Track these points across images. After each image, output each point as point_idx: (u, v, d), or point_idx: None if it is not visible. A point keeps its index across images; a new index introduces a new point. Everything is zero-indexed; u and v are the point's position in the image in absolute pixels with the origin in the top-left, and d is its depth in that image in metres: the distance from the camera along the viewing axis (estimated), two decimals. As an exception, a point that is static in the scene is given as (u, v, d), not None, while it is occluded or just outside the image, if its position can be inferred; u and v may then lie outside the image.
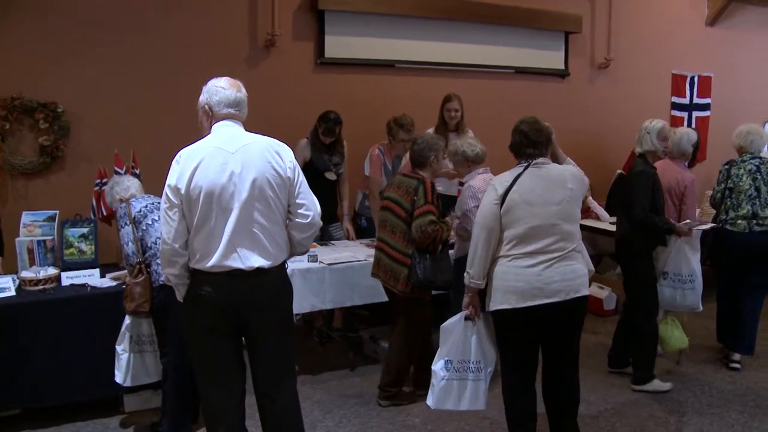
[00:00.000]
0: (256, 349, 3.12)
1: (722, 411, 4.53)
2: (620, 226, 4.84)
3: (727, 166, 5.38)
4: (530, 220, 3.45)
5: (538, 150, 3.58)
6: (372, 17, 6.33)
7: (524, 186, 3.49)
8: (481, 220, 3.53)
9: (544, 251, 3.46)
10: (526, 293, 3.44)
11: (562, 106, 7.58)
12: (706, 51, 9.00)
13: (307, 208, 3.10)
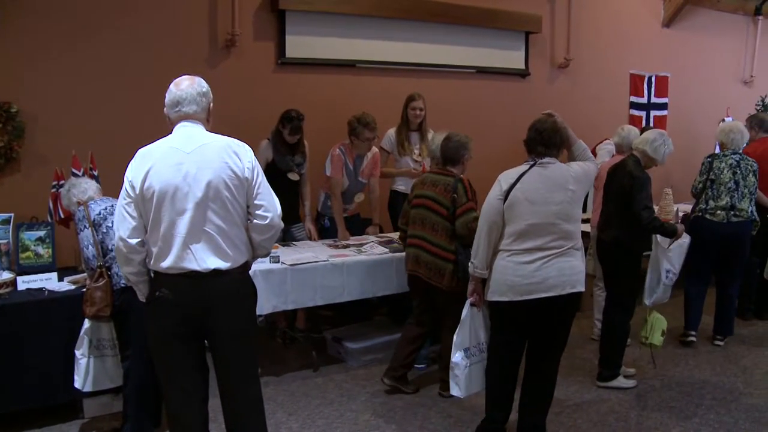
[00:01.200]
0: (218, 352, 3.07)
1: (681, 405, 4.61)
2: (613, 228, 4.77)
3: (710, 159, 5.68)
4: (530, 218, 3.61)
5: (549, 151, 3.74)
6: (333, 17, 6.32)
7: (528, 184, 3.64)
8: (484, 213, 3.72)
9: (542, 248, 3.62)
10: (522, 289, 3.62)
11: (523, 105, 7.63)
12: (662, 52, 9.17)
13: (265, 209, 3.04)
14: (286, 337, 5.67)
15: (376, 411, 4.46)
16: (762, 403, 4.66)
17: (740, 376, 5.12)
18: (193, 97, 3.02)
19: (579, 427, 4.28)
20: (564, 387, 4.86)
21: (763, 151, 6.15)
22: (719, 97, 9.71)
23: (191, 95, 3.01)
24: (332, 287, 4.90)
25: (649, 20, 9.05)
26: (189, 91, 3.01)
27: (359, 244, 5.39)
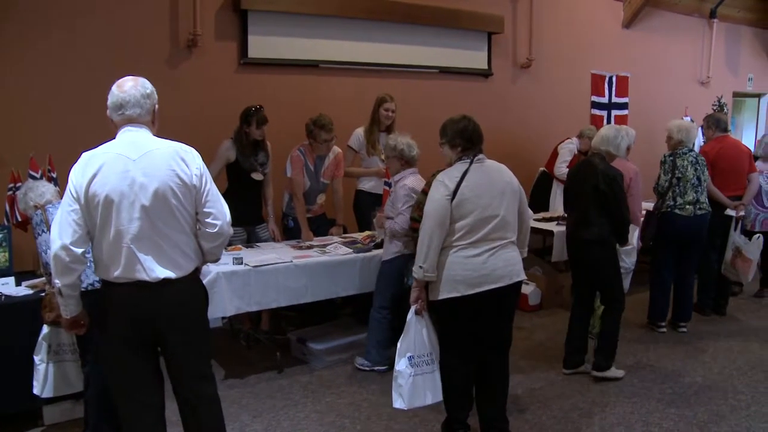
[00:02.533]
0: (171, 358, 3.04)
1: (642, 399, 4.68)
2: (594, 226, 4.80)
3: (672, 158, 5.82)
4: (479, 212, 3.65)
5: (479, 147, 3.80)
6: (296, 17, 6.29)
7: (472, 180, 3.66)
8: (433, 215, 3.65)
9: (487, 239, 3.68)
10: (473, 281, 3.64)
11: (486, 105, 7.71)
12: (623, 52, 9.32)
13: (214, 217, 2.99)
14: (249, 338, 5.63)
15: (342, 412, 4.45)
16: (720, 395, 4.75)
17: (699, 370, 5.21)
18: (137, 99, 2.94)
19: (543, 424, 4.32)
20: (527, 384, 4.91)
21: (720, 149, 6.29)
22: (678, 97, 9.91)
23: (135, 97, 2.93)
24: (296, 288, 4.89)
25: (610, 21, 9.19)
26: (133, 93, 2.93)
27: (323, 245, 5.37)
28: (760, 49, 11.81)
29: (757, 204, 6.68)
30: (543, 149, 7.79)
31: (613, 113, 9.26)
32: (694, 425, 4.31)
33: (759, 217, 6.72)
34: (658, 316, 6.05)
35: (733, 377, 5.09)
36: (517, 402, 4.60)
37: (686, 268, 6.02)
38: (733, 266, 6.32)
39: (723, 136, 6.45)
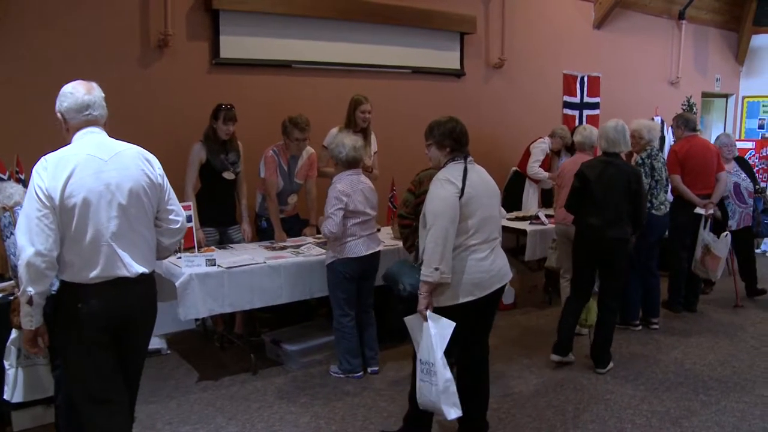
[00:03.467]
0: (131, 348, 3.14)
1: (615, 396, 4.72)
2: (623, 225, 4.97)
3: (649, 161, 5.91)
4: (481, 212, 3.66)
5: (465, 148, 3.82)
6: (268, 17, 6.26)
7: (472, 180, 3.66)
8: (448, 212, 3.54)
9: (489, 240, 3.73)
10: (486, 283, 3.67)
11: (458, 105, 7.71)
12: (594, 52, 9.40)
13: (176, 213, 3.19)
14: (223, 340, 5.60)
15: (317, 413, 4.44)
16: (691, 391, 4.81)
17: (671, 366, 5.28)
18: (100, 102, 3.05)
19: (518, 422, 4.34)
20: (502, 382, 4.93)
21: (689, 149, 6.37)
22: (648, 96, 10.02)
23: (99, 99, 3.05)
24: (270, 289, 4.86)
25: (581, 22, 9.26)
26: (97, 95, 3.05)
27: (296, 246, 5.36)
28: (726, 51, 11.99)
29: (738, 201, 6.92)
30: (515, 149, 7.83)
31: (585, 113, 9.33)
32: (667, 420, 4.36)
33: (743, 213, 6.97)
34: (634, 315, 6.11)
35: (704, 373, 5.16)
36: (491, 401, 4.60)
37: (653, 265, 6.14)
38: (702, 264, 6.40)
39: (692, 136, 6.52)
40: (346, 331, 4.93)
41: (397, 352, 5.46)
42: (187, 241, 4.96)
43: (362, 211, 4.83)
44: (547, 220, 6.59)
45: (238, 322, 5.62)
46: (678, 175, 6.25)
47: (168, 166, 5.44)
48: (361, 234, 4.83)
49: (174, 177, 5.32)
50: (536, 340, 5.85)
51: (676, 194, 6.33)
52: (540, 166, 7.35)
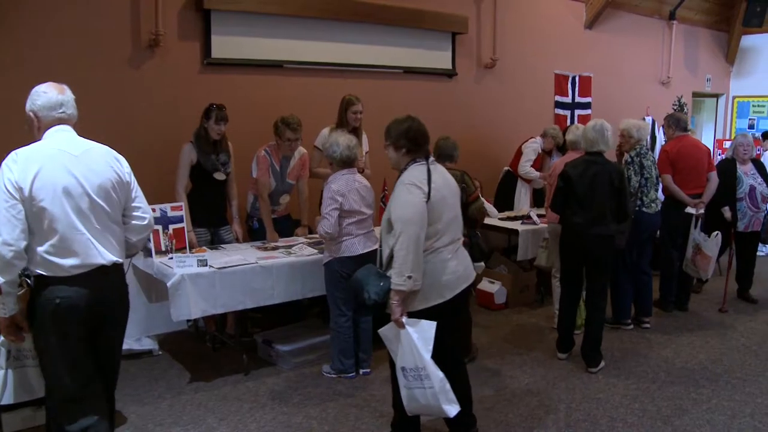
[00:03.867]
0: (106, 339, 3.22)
1: (607, 395, 4.73)
2: (612, 224, 5.07)
3: (638, 159, 5.92)
4: (447, 213, 3.64)
5: (424, 148, 3.76)
6: (259, 17, 6.25)
7: (437, 182, 3.62)
8: (417, 218, 3.47)
9: (454, 240, 3.71)
10: (453, 284, 3.65)
11: (450, 105, 7.74)
12: (585, 52, 9.43)
13: (144, 210, 3.32)
14: (215, 341, 5.59)
15: (309, 413, 4.43)
16: (682, 390, 4.83)
17: (663, 365, 5.29)
18: (71, 102, 3.18)
19: (510, 421, 4.35)
20: (494, 383, 4.94)
21: (680, 148, 6.39)
22: (639, 96, 10.06)
23: (71, 100, 3.17)
24: (262, 290, 4.85)
25: (572, 22, 9.28)
26: (69, 95, 3.17)
27: (288, 246, 5.35)
28: (717, 51, 12.05)
29: (752, 204, 6.80)
30: (507, 149, 7.84)
31: (577, 113, 9.36)
32: (658, 419, 4.38)
33: (753, 217, 6.83)
34: (625, 314, 6.13)
35: (695, 372, 5.18)
36: (483, 400, 4.63)
37: (644, 264, 6.16)
38: (693, 263, 6.43)
39: (683, 136, 6.55)
40: (342, 331, 4.93)
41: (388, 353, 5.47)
42: (178, 241, 4.95)
43: (358, 210, 4.82)
44: (538, 219, 6.60)
45: (229, 322, 5.61)
46: (669, 175, 6.27)
47: (159, 166, 5.52)
48: (357, 233, 4.83)
49: (165, 177, 5.38)
50: (528, 339, 5.86)
51: (668, 194, 6.34)
52: (532, 166, 7.37)
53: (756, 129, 11.73)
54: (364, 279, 3.59)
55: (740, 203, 6.79)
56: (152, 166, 5.60)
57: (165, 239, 4.92)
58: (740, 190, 6.77)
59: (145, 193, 3.38)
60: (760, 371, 5.20)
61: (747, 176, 6.81)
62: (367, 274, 3.61)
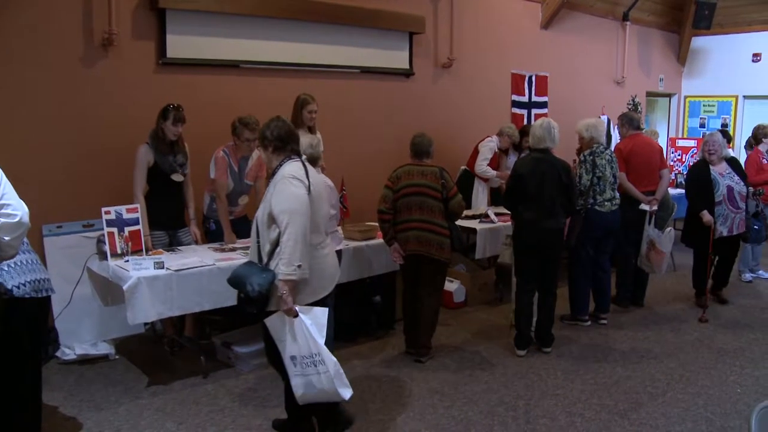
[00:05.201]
0: None
1: (565, 391, 4.80)
2: (560, 216, 5.38)
3: (591, 157, 6.00)
4: (323, 208, 3.81)
5: (291, 146, 3.83)
6: (216, 16, 6.19)
7: (313, 178, 3.75)
8: (303, 209, 3.57)
9: (328, 235, 3.91)
10: (335, 276, 3.91)
11: (408, 104, 7.77)
12: (542, 52, 9.53)
13: (14, 207, 3.11)
14: (173, 344, 5.51)
15: (269, 415, 4.40)
16: (638, 384, 4.91)
17: (619, 360, 5.38)
18: None
19: (470, 419, 4.37)
20: (453, 381, 4.97)
21: (633, 146, 6.51)
22: (595, 96, 10.21)
23: None
24: (219, 291, 4.78)
25: (528, 22, 9.38)
26: None
27: (246, 247, 5.28)
28: (669, 52, 12.29)
29: (731, 206, 6.49)
30: (465, 148, 7.89)
31: (534, 112, 9.46)
32: (615, 414, 4.45)
33: (736, 218, 6.53)
34: (582, 311, 6.21)
35: (651, 366, 5.27)
36: (443, 399, 4.65)
37: (603, 261, 6.23)
38: (647, 259, 6.53)
39: (636, 134, 6.66)
40: None
41: (348, 351, 5.47)
42: (134, 244, 4.88)
43: None
44: (496, 218, 6.65)
45: (188, 325, 5.54)
46: (623, 173, 6.37)
47: (114, 167, 5.45)
48: None
49: (120, 179, 5.31)
50: (488, 337, 5.90)
51: (622, 191, 6.43)
52: (488, 165, 7.42)
53: (707, 128, 12.00)
54: (245, 273, 3.67)
55: (720, 207, 6.48)
56: (107, 167, 5.53)
57: (121, 242, 4.83)
58: (718, 193, 6.45)
59: (101, 195, 3.32)
60: (713, 364, 5.32)
61: (723, 177, 6.52)
62: (248, 269, 3.69)
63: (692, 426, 4.30)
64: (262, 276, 3.59)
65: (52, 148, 5.32)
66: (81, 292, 5.05)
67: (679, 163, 10.34)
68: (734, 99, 12.01)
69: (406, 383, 4.92)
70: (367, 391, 4.78)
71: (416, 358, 5.33)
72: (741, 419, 4.33)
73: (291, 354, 3.62)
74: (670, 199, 7.06)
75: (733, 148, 9.85)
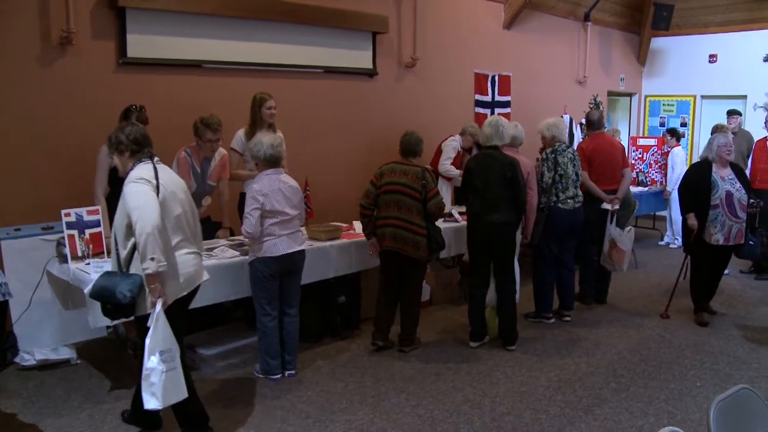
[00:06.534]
0: None
1: (530, 388, 4.84)
2: (507, 211, 5.46)
3: (553, 155, 6.07)
4: (179, 208, 3.77)
5: (146, 149, 3.82)
6: (177, 15, 6.11)
7: (164, 178, 3.73)
8: (150, 205, 3.55)
9: (188, 235, 3.86)
10: (195, 277, 3.88)
11: (371, 104, 7.76)
12: (504, 52, 9.59)
13: None
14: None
15: (233, 417, 4.37)
16: (602, 380, 4.97)
17: (583, 356, 5.44)
18: None
19: (435, 417, 4.39)
20: (419, 379, 4.98)
21: (596, 146, 6.58)
22: (557, 95, 10.31)
23: None
24: (184, 293, 4.74)
25: (491, 22, 9.43)
26: None
27: (209, 248, 5.24)
28: (629, 52, 12.46)
29: (729, 213, 6.01)
30: (428, 147, 7.83)
31: (497, 111, 9.51)
32: (579, 410, 4.49)
33: (733, 228, 6.03)
34: (546, 308, 6.26)
35: (614, 362, 5.34)
36: (409, 398, 4.66)
37: (567, 259, 6.30)
38: (609, 257, 6.61)
39: (599, 133, 6.75)
40: (266, 331, 4.88)
41: (313, 352, 5.45)
42: (96, 246, 4.80)
43: (280, 211, 4.78)
44: (460, 217, 6.67)
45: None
46: (585, 172, 6.44)
47: (74, 168, 5.35)
48: (280, 233, 4.79)
49: (80, 180, 5.22)
50: (453, 335, 5.93)
51: (584, 190, 6.48)
52: (452, 164, 7.44)
53: (666, 127, 12.19)
54: (110, 284, 3.64)
55: (715, 211, 6.02)
56: (67, 168, 5.44)
57: (81, 244, 4.75)
58: (715, 196, 5.99)
59: (60, 197, 3.25)
60: (674, 358, 5.41)
61: (724, 181, 6.04)
62: (110, 279, 3.67)
63: (654, 420, 4.36)
64: (129, 281, 3.60)
65: (8, 149, 5.22)
66: (41, 296, 4.95)
67: (640, 161, 10.50)
68: (692, 99, 12.22)
69: (372, 383, 4.92)
70: (333, 391, 4.77)
71: (399, 348, 5.56)
72: (701, 412, 4.41)
73: (160, 349, 3.59)
74: (631, 198, 7.16)
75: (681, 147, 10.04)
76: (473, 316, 5.67)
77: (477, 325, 5.68)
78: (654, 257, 9.03)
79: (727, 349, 5.65)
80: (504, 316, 5.63)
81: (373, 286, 5.92)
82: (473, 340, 5.65)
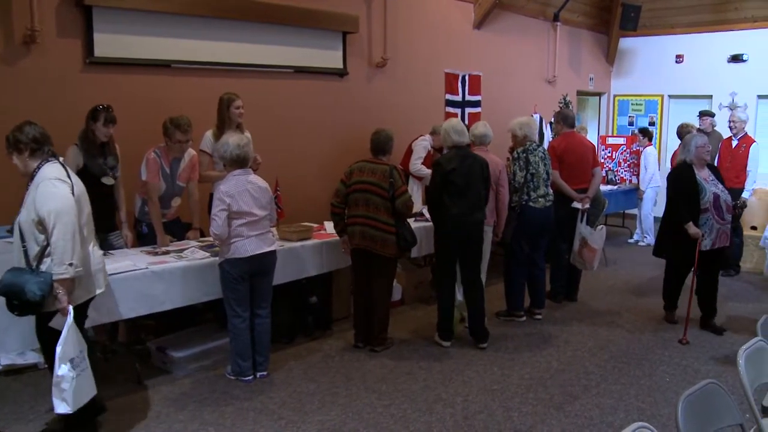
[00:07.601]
0: None
1: (502, 387, 4.87)
2: (480, 212, 5.58)
3: (524, 155, 6.11)
4: (87, 207, 3.84)
5: (46, 146, 3.84)
6: (145, 15, 6.04)
7: (74, 178, 3.80)
8: (68, 208, 3.61)
9: (92, 234, 3.95)
10: (104, 272, 4.06)
11: (342, 104, 7.74)
12: (475, 52, 9.63)
13: None
14: (106, 350, 5.37)
15: (206, 419, 4.33)
16: (573, 377, 5.02)
17: (554, 354, 5.48)
18: None
19: (408, 417, 4.40)
20: (392, 379, 4.98)
21: (567, 144, 6.63)
22: (527, 94, 10.38)
23: None
24: (153, 295, 4.70)
25: (461, 22, 9.46)
26: None
27: (179, 250, 5.20)
28: (598, 52, 12.58)
29: (717, 216, 5.80)
30: (399, 147, 7.86)
31: (467, 111, 9.54)
32: (551, 407, 4.53)
33: (720, 230, 5.83)
34: (518, 306, 6.30)
35: (585, 359, 5.39)
36: (381, 397, 4.66)
37: (538, 257, 6.34)
38: (579, 256, 6.66)
39: (570, 132, 6.79)
40: (237, 333, 4.85)
41: (285, 353, 5.43)
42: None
43: (248, 212, 4.74)
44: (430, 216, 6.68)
45: (121, 330, 5.40)
46: (556, 170, 6.49)
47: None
48: (248, 234, 4.75)
49: (46, 181, 5.10)
50: (424, 335, 5.93)
51: (555, 188, 6.52)
52: (422, 164, 7.45)
53: (635, 126, 12.33)
54: (18, 280, 3.64)
55: (705, 215, 5.80)
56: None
57: (48, 246, 4.67)
58: (704, 200, 5.77)
59: (25, 199, 3.20)
60: (643, 354, 5.48)
61: (708, 183, 5.84)
62: (19, 275, 3.66)
63: (624, 416, 4.41)
64: (39, 279, 3.61)
65: (-28, 150, 5.12)
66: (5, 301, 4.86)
67: (609, 160, 10.61)
68: (660, 98, 12.37)
69: (344, 383, 4.91)
70: (305, 391, 4.75)
71: (371, 348, 5.56)
72: (670, 407, 4.46)
73: (71, 356, 3.62)
74: (601, 196, 7.23)
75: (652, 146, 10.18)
76: (443, 316, 5.67)
77: (447, 321, 5.67)
78: (624, 255, 9.14)
79: (695, 344, 5.72)
80: (474, 313, 5.66)
81: (344, 287, 5.91)
82: (444, 339, 5.67)
